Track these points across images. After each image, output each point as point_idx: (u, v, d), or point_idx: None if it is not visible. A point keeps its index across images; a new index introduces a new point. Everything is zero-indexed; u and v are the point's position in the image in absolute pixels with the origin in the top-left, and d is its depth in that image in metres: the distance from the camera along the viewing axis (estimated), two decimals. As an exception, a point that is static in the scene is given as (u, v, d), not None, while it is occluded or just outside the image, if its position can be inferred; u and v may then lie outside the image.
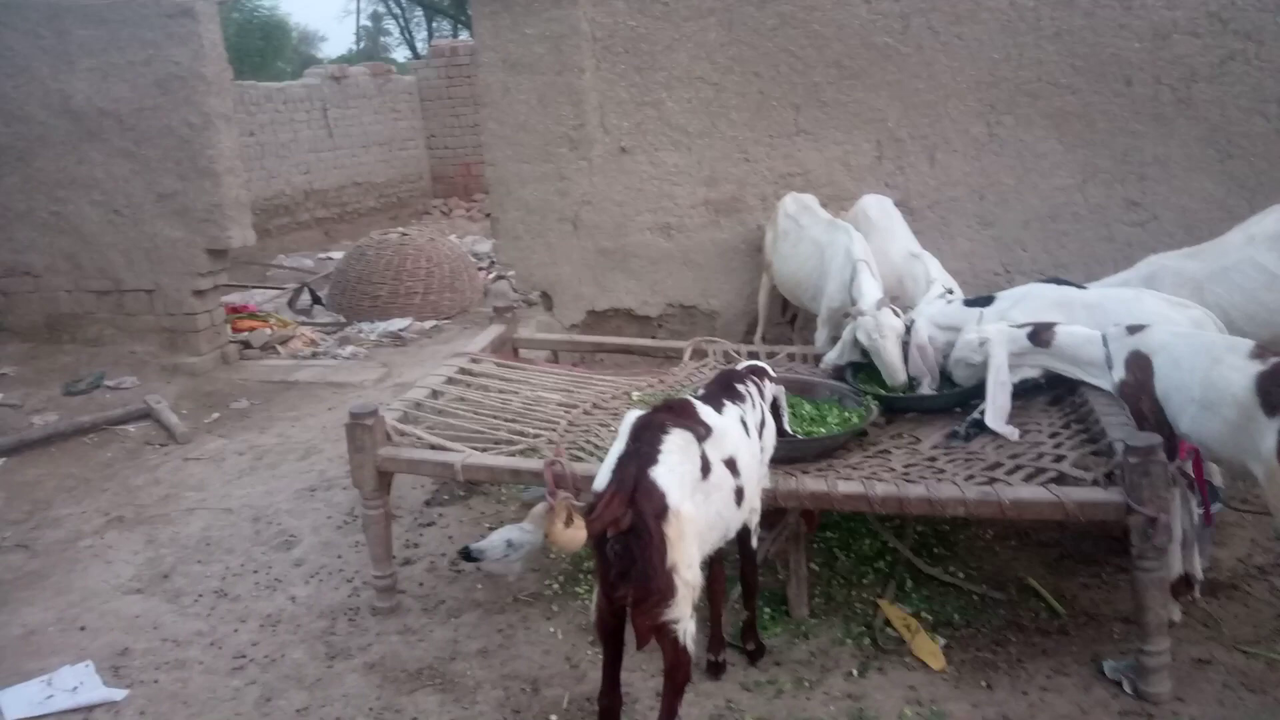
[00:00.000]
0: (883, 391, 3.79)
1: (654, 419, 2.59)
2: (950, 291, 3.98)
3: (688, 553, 2.45)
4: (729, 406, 2.89)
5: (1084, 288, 3.75)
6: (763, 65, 5.30)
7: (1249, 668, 3.04)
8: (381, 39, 38.98)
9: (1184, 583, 3.30)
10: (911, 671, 3.13)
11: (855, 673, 3.12)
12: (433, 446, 3.52)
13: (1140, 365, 3.26)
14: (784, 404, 3.32)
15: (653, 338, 5.60)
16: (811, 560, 3.62)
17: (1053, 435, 3.30)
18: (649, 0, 5.36)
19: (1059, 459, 3.10)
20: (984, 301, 3.78)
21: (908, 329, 3.74)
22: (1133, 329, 3.33)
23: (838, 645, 3.28)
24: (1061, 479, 3.00)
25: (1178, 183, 5.01)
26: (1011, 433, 3.36)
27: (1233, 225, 3.99)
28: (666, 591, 2.38)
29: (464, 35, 24.76)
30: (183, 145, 6.84)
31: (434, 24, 32.45)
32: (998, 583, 3.60)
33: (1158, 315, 3.36)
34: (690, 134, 5.46)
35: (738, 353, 4.64)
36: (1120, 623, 3.26)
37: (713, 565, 3.02)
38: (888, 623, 3.36)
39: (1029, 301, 3.66)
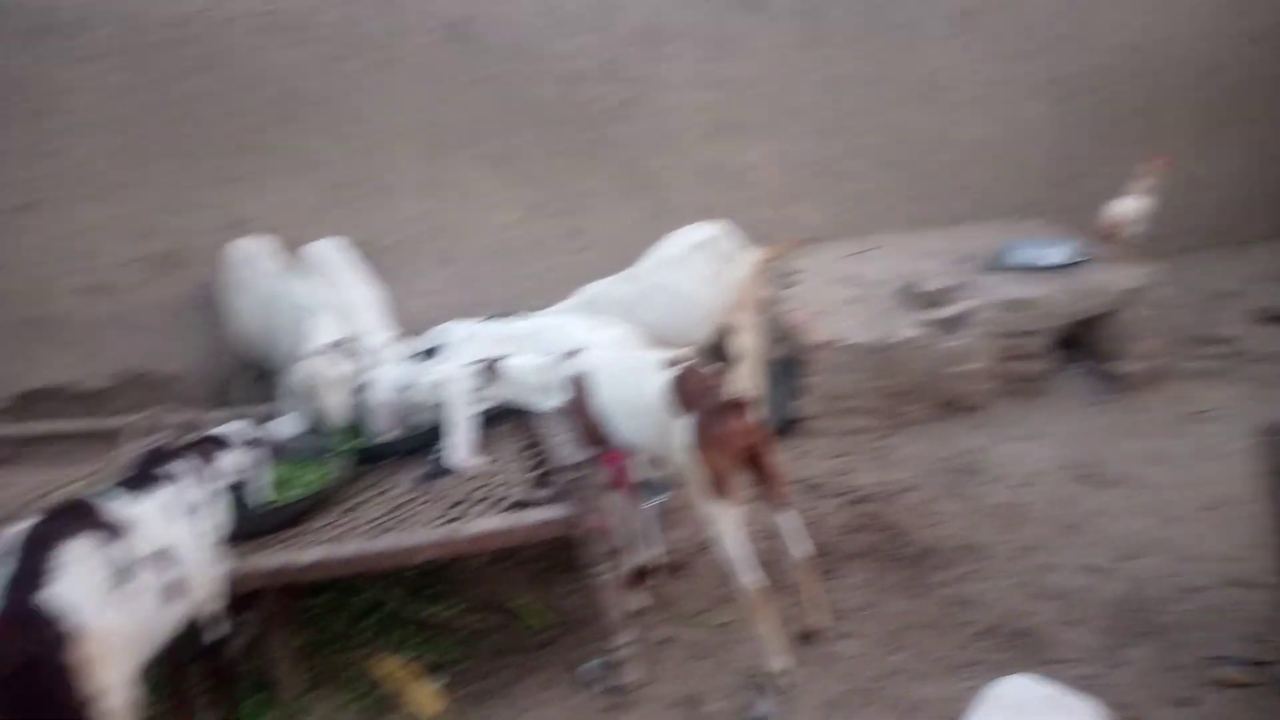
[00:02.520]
0: (355, 443, 3.70)
1: (41, 530, 2.22)
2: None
3: (112, 673, 2.15)
4: (153, 491, 2.58)
5: (522, 320, 4.01)
6: (187, 109, 4.90)
7: (699, 638, 3.45)
8: None
9: (643, 572, 3.72)
10: (412, 722, 3.09)
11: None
12: None
13: (580, 386, 3.58)
14: (257, 473, 3.08)
15: (106, 415, 4.90)
16: (300, 632, 3.41)
17: (512, 463, 3.49)
18: (38, 35, 4.67)
19: (517, 485, 3.29)
20: (433, 352, 3.86)
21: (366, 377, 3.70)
22: (571, 354, 3.63)
23: (337, 716, 3.13)
24: (520, 504, 3.18)
25: (606, 212, 5.63)
26: (476, 465, 3.49)
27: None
28: None
29: None
30: None
31: None
32: (489, 609, 3.71)
33: (585, 337, 3.72)
34: (111, 185, 4.86)
35: (203, 420, 4.21)
36: (597, 624, 3.54)
37: (172, 668, 2.71)
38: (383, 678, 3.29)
39: (475, 341, 3.83)
